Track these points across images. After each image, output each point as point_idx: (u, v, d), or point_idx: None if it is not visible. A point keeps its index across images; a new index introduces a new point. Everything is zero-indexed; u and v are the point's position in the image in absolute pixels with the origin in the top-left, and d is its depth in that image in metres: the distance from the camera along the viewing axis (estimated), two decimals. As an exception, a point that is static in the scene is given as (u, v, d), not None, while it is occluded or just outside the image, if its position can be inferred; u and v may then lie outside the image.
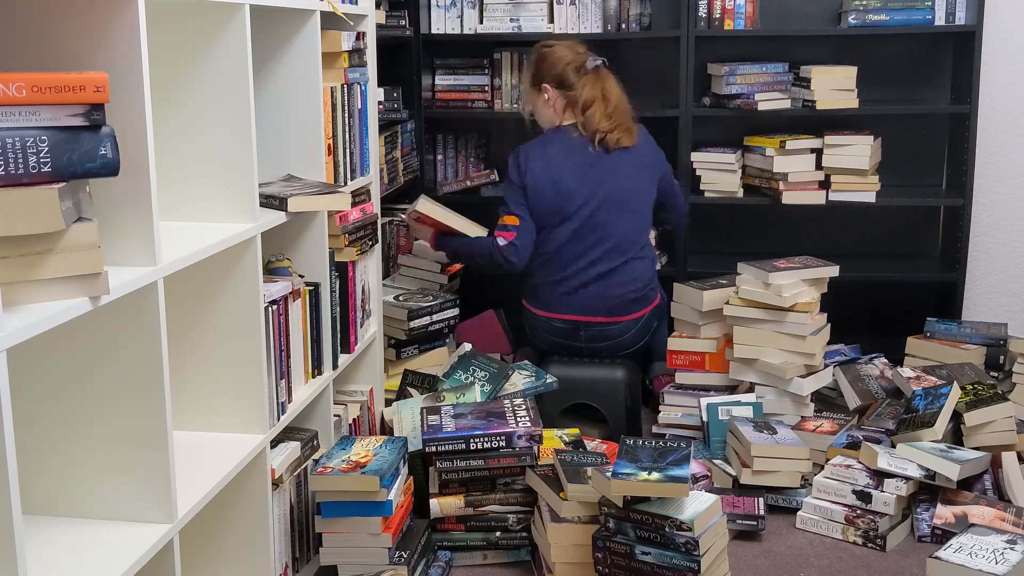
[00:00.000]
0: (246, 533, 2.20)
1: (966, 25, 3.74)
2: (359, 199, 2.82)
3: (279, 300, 2.27)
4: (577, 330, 3.33)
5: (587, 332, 3.33)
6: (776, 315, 3.13)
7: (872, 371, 3.42)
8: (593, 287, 3.29)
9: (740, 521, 2.76)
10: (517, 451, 2.60)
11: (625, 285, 3.30)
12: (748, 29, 3.85)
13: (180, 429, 2.17)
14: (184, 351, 2.15)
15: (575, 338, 3.34)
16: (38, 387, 1.74)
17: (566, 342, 3.36)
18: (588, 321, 3.31)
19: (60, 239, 1.43)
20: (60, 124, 1.42)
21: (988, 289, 4.07)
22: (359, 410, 2.91)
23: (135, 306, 1.70)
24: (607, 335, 3.33)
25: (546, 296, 3.34)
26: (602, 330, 3.32)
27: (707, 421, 3.12)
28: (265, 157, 2.50)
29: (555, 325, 3.34)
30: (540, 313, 3.36)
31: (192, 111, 2.09)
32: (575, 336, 3.34)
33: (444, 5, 4.00)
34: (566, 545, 2.45)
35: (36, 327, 1.39)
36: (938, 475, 2.72)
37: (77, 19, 1.63)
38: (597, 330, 3.32)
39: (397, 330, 3.29)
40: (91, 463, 1.76)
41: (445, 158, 4.21)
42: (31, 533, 1.73)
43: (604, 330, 3.32)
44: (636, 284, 3.32)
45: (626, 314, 3.31)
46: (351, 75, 2.72)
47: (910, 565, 2.64)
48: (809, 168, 3.84)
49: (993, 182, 3.99)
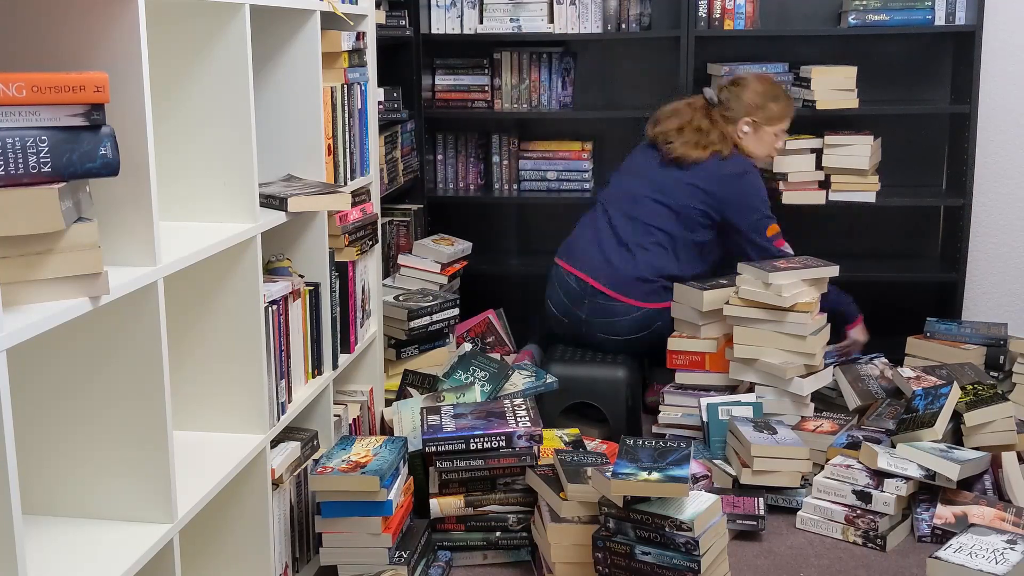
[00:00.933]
0: (246, 533, 2.20)
1: (966, 25, 3.74)
2: (359, 199, 2.82)
3: (279, 300, 2.27)
4: (583, 298, 3.38)
5: (591, 303, 3.37)
6: (776, 315, 3.13)
7: (872, 371, 3.42)
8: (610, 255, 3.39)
9: (740, 521, 2.76)
10: (517, 451, 2.60)
11: (636, 267, 3.36)
12: (748, 29, 3.85)
13: (180, 429, 2.17)
14: (184, 351, 2.15)
15: (579, 305, 3.39)
16: (38, 387, 1.74)
17: (571, 307, 3.41)
18: (594, 287, 3.36)
19: (60, 239, 1.43)
20: (60, 124, 1.42)
21: (988, 289, 4.07)
22: (359, 410, 2.91)
23: (135, 306, 1.70)
24: (608, 311, 3.34)
25: (574, 248, 3.47)
26: (605, 304, 3.35)
27: (707, 421, 3.12)
28: (265, 157, 2.50)
29: (567, 280, 3.43)
30: (561, 264, 3.48)
31: (192, 111, 2.09)
32: (579, 303, 3.39)
33: (444, 5, 4.00)
34: (566, 545, 2.45)
35: (36, 327, 1.39)
36: (938, 475, 2.72)
37: (77, 19, 1.63)
38: (601, 303, 3.36)
39: (397, 330, 3.29)
40: (91, 463, 1.76)
41: (445, 158, 4.21)
42: (31, 533, 1.73)
43: (607, 304, 3.35)
44: (648, 271, 3.36)
45: (629, 296, 3.34)
46: (351, 75, 2.72)
47: (910, 565, 2.64)
48: (809, 168, 3.84)
49: (993, 182, 3.99)
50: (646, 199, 3.42)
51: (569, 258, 3.48)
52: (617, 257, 3.38)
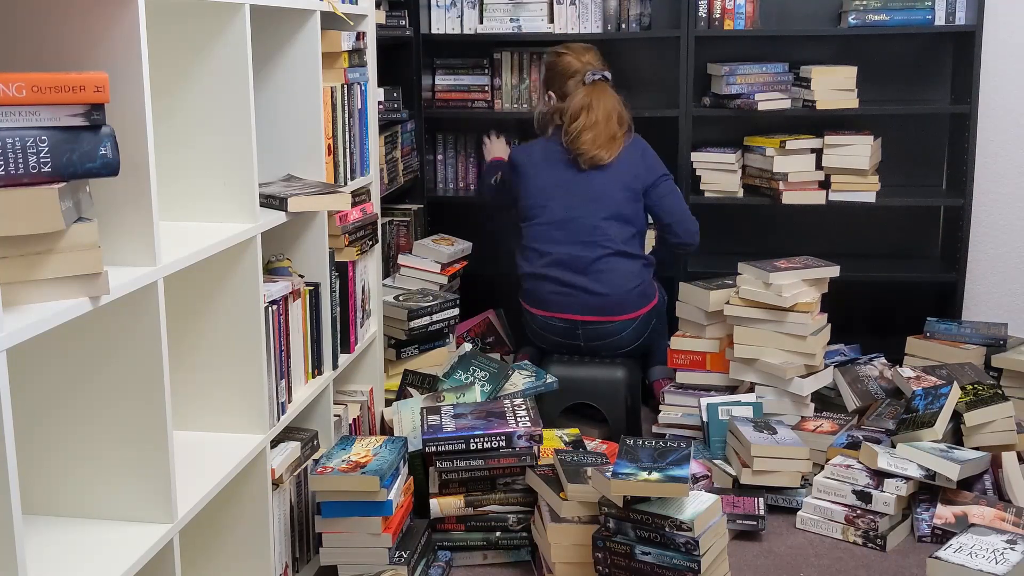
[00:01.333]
0: (246, 533, 2.20)
1: (966, 25, 3.74)
2: (359, 199, 2.82)
3: (279, 300, 2.27)
4: (575, 329, 3.33)
5: (585, 331, 3.33)
6: (776, 315, 3.13)
7: (871, 372, 3.42)
8: (581, 284, 3.30)
9: (740, 521, 2.76)
10: (517, 451, 2.60)
11: (615, 284, 3.29)
12: (748, 29, 3.85)
13: (180, 429, 2.17)
14: (184, 351, 2.15)
15: (574, 337, 3.35)
16: (38, 387, 1.74)
17: (566, 341, 3.36)
18: (584, 320, 3.32)
19: (60, 239, 1.43)
20: (60, 124, 1.42)
21: (988, 289, 4.07)
22: (359, 410, 2.91)
23: (135, 306, 1.70)
24: (605, 333, 3.33)
25: (540, 295, 3.36)
26: (599, 328, 3.32)
27: (707, 421, 3.12)
28: (265, 157, 2.50)
29: (553, 324, 3.35)
30: (538, 313, 3.37)
31: (192, 111, 2.09)
32: (573, 335, 3.34)
33: (444, 5, 4.00)
34: (566, 545, 2.45)
35: (36, 327, 1.39)
36: (938, 475, 2.72)
37: (77, 19, 1.63)
38: (594, 328, 3.32)
39: (397, 330, 3.29)
40: (91, 463, 1.76)
41: (445, 158, 4.21)
42: (31, 533, 1.73)
43: (601, 328, 3.32)
44: (628, 284, 3.31)
45: (620, 314, 3.31)
46: (351, 75, 2.72)
47: (910, 565, 2.64)
48: (809, 168, 3.83)
49: (993, 182, 3.99)
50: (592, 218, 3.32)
51: (542, 304, 3.36)
52: (594, 285, 3.29)
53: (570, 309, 3.32)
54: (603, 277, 3.29)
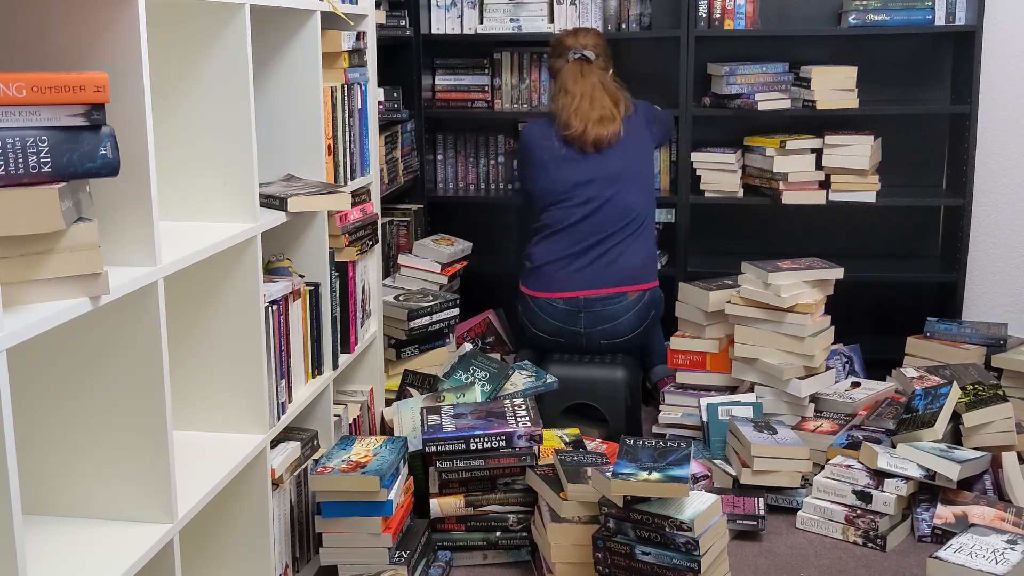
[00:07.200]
0: (246, 533, 2.20)
1: (966, 25, 3.74)
2: (359, 199, 2.82)
3: (279, 300, 2.27)
4: (578, 312, 3.35)
5: (587, 313, 3.34)
6: (775, 315, 3.13)
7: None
8: (599, 261, 3.36)
9: (740, 521, 2.76)
10: (517, 451, 2.60)
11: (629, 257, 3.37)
12: (748, 29, 3.85)
13: (180, 429, 2.17)
14: (184, 351, 2.15)
15: (575, 322, 3.36)
16: (38, 387, 1.74)
17: (566, 326, 3.37)
18: (590, 296, 3.33)
19: (60, 239, 1.43)
20: (60, 124, 1.42)
21: (988, 289, 4.06)
22: (359, 410, 2.91)
23: (135, 306, 1.70)
24: (607, 316, 3.33)
25: (549, 276, 3.39)
26: (603, 310, 3.33)
27: (707, 421, 3.12)
28: (265, 157, 2.50)
29: (555, 306, 3.37)
30: (540, 295, 3.39)
31: (192, 111, 2.09)
32: (575, 319, 3.35)
33: (444, 5, 4.00)
34: (566, 545, 2.45)
35: (36, 327, 1.39)
36: (938, 475, 2.72)
37: (77, 19, 1.63)
38: (598, 310, 3.34)
39: (397, 330, 3.29)
40: (91, 463, 1.76)
41: (445, 158, 4.21)
42: (31, 533, 1.73)
43: (605, 310, 3.33)
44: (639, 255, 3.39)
45: (629, 284, 3.35)
46: (351, 75, 2.72)
47: (910, 565, 2.64)
48: (809, 168, 3.83)
49: (993, 182, 3.99)
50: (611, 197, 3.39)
51: (547, 286, 3.39)
52: (609, 257, 3.36)
53: (577, 286, 3.35)
54: (620, 248, 3.37)
